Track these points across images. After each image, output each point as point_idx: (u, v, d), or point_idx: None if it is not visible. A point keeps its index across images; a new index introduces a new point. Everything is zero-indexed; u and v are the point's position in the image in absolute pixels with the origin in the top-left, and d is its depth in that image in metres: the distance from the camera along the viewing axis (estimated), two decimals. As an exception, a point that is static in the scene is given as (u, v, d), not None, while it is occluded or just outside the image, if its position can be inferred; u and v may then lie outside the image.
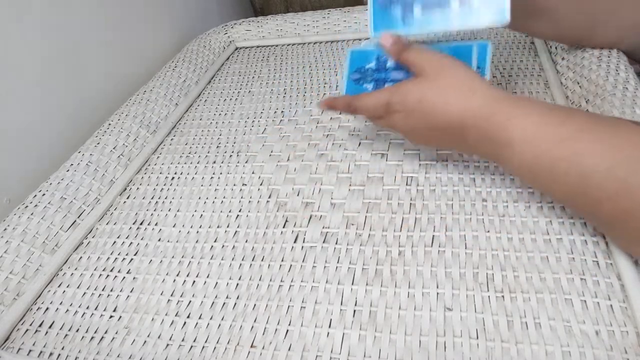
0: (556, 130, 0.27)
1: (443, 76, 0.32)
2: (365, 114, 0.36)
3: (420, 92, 0.32)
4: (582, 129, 0.27)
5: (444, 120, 0.31)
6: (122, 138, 0.48)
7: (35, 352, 0.31)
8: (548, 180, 0.28)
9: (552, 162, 0.27)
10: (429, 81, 0.32)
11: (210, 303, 0.32)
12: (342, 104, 0.37)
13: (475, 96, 0.30)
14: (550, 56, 0.50)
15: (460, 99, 0.31)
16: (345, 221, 0.36)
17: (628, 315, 0.27)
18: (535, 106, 0.29)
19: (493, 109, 0.30)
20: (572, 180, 0.27)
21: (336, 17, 0.67)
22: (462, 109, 0.30)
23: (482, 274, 0.30)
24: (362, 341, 0.28)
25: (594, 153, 0.26)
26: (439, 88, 0.32)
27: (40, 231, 0.38)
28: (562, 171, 0.27)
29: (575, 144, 0.26)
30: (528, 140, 0.28)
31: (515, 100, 0.30)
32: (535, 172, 0.28)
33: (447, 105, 0.31)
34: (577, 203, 0.28)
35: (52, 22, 0.49)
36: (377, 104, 0.34)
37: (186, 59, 0.64)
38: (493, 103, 0.30)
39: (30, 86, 0.47)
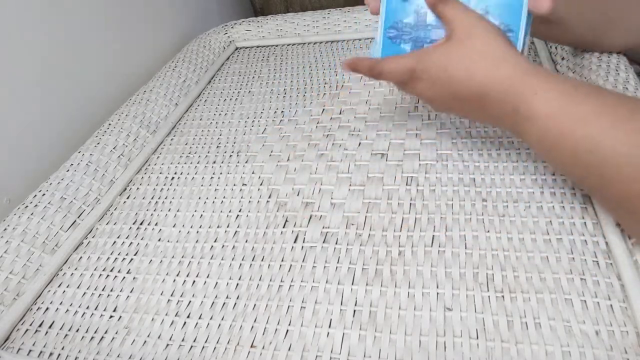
0: (580, 109, 0.27)
1: (472, 42, 0.31)
2: (389, 79, 0.35)
3: (447, 59, 0.32)
4: (605, 109, 0.27)
5: (467, 90, 0.31)
6: (122, 138, 0.48)
7: (35, 352, 0.31)
8: (568, 159, 0.28)
9: (573, 142, 0.27)
10: (457, 47, 0.32)
11: (210, 303, 0.32)
12: (366, 67, 0.36)
13: (502, 67, 0.30)
14: (550, 56, 0.50)
15: (486, 70, 0.30)
16: (345, 221, 0.36)
17: (628, 315, 0.27)
18: (561, 82, 0.29)
19: (518, 82, 0.29)
20: (591, 160, 0.27)
21: (336, 17, 0.67)
22: (488, 79, 0.30)
23: (482, 274, 0.30)
24: (362, 341, 0.28)
25: (615, 134, 0.26)
26: (467, 56, 0.31)
27: (40, 231, 0.38)
28: (583, 150, 0.27)
29: (597, 124, 0.27)
30: (551, 117, 0.28)
31: (541, 74, 0.29)
32: (556, 149, 0.29)
33: (472, 75, 0.31)
34: (595, 184, 0.28)
35: (52, 22, 0.49)
36: (401, 70, 0.34)
37: (186, 59, 0.64)
38: (519, 76, 0.29)
39: (30, 86, 0.47)
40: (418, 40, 0.35)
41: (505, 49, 0.31)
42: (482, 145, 0.40)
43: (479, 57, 0.31)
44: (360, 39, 0.66)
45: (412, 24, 0.35)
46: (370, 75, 0.36)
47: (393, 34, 0.36)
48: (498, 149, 0.40)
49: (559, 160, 0.30)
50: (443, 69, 0.32)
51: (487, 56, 0.30)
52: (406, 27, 0.35)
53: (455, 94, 0.32)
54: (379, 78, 0.36)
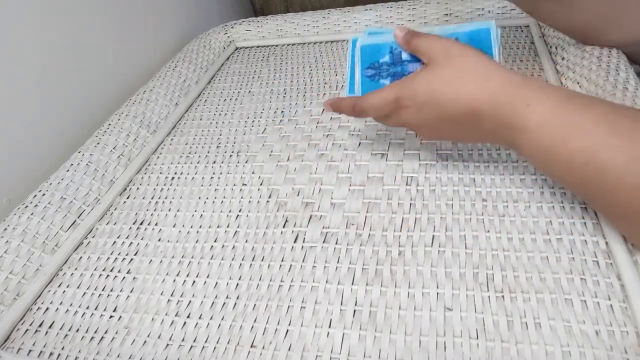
0: (574, 120, 0.27)
1: (453, 63, 0.31)
2: (373, 114, 0.35)
3: (431, 83, 0.31)
4: (600, 121, 0.26)
5: (457, 111, 0.31)
6: (122, 138, 0.48)
7: (35, 352, 0.31)
8: (563, 169, 0.28)
9: (569, 153, 0.27)
10: (439, 70, 0.31)
11: (210, 303, 0.32)
12: (348, 106, 0.36)
13: (489, 82, 0.30)
14: (550, 56, 0.50)
15: (473, 86, 0.30)
16: (345, 221, 0.36)
17: (628, 315, 0.27)
18: (554, 92, 0.29)
19: (509, 95, 0.29)
20: (588, 171, 0.27)
21: (336, 17, 0.67)
22: (476, 96, 0.30)
23: (482, 274, 0.30)
24: (362, 341, 0.28)
25: (611, 146, 0.26)
26: (450, 76, 0.31)
27: (40, 231, 0.38)
28: (579, 162, 0.27)
29: (593, 135, 0.26)
30: (545, 128, 0.28)
31: (532, 85, 0.29)
32: (551, 160, 0.28)
33: (459, 94, 0.30)
34: (593, 194, 0.28)
35: (52, 21, 0.49)
36: (385, 102, 0.33)
37: (186, 59, 0.64)
38: (508, 89, 0.29)
39: (30, 86, 0.47)
40: (396, 75, 0.36)
41: (488, 64, 0.30)
42: (482, 145, 0.40)
43: (464, 74, 0.30)
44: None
45: (388, 62, 0.36)
46: (354, 113, 0.36)
47: (371, 73, 0.36)
48: (498, 149, 0.40)
49: (554, 172, 0.29)
50: (429, 93, 0.31)
51: (473, 72, 0.30)
52: (383, 65, 0.36)
53: (445, 115, 0.31)
54: (363, 115, 0.36)
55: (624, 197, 0.26)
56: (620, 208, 0.27)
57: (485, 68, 0.30)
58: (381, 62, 0.36)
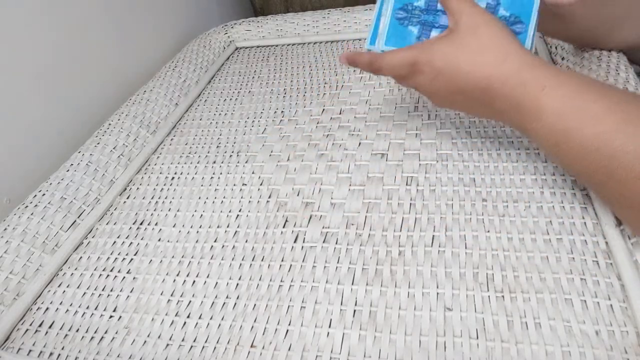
0: (589, 107, 0.27)
1: (476, 36, 0.31)
2: (390, 73, 0.35)
3: (449, 53, 0.31)
4: (614, 108, 0.26)
5: (470, 85, 0.31)
6: (122, 138, 0.48)
7: (35, 352, 0.31)
8: (574, 155, 0.28)
9: (581, 139, 0.27)
10: (460, 40, 0.31)
11: (210, 303, 0.32)
12: (365, 61, 0.35)
13: (507, 62, 0.29)
14: (550, 56, 0.50)
15: (491, 63, 0.30)
16: (345, 221, 0.36)
17: (628, 315, 0.27)
18: (568, 78, 0.28)
19: (524, 78, 0.29)
20: (598, 158, 0.27)
21: (336, 17, 0.67)
22: (491, 74, 0.30)
23: (482, 274, 0.30)
24: (362, 341, 0.28)
25: (623, 134, 0.26)
26: (471, 49, 0.30)
27: (40, 231, 0.38)
28: (590, 148, 0.27)
29: (606, 122, 0.26)
30: (560, 113, 0.28)
31: (549, 69, 0.29)
32: (562, 145, 0.28)
33: (476, 69, 0.30)
34: (601, 182, 0.28)
35: (52, 22, 0.49)
36: (402, 63, 0.33)
37: (186, 59, 0.64)
38: (524, 71, 0.29)
39: (30, 86, 0.47)
40: (426, 24, 0.34)
41: (510, 43, 0.30)
42: (482, 145, 0.40)
43: (484, 50, 0.30)
44: (360, 39, 0.66)
45: (422, 7, 0.35)
46: (370, 70, 0.36)
47: (402, 15, 0.35)
48: (498, 149, 0.40)
49: (564, 157, 0.29)
50: (446, 62, 0.31)
51: (493, 49, 0.30)
52: (416, 9, 0.35)
53: (459, 87, 0.31)
54: (379, 73, 0.35)
55: (632, 186, 0.26)
56: (627, 197, 0.27)
57: (506, 47, 0.30)
58: (415, 6, 0.35)
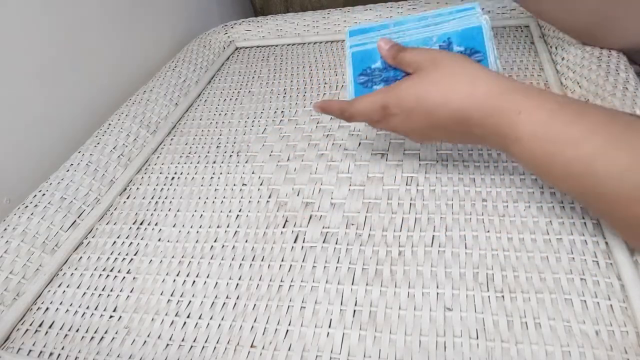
0: (567, 130, 0.26)
1: (441, 70, 0.30)
2: (361, 119, 0.35)
3: (418, 89, 0.31)
4: (595, 129, 0.26)
5: (446, 117, 0.30)
6: (122, 138, 0.48)
7: (35, 352, 0.31)
8: (559, 178, 0.28)
9: (564, 162, 0.26)
10: (426, 77, 0.31)
11: (210, 303, 0.32)
12: (337, 109, 0.36)
13: (477, 88, 0.29)
14: (550, 56, 0.50)
15: (461, 93, 0.29)
16: (345, 221, 0.36)
17: (628, 315, 0.27)
18: (545, 99, 0.28)
19: (499, 103, 0.28)
20: (584, 181, 0.26)
21: (336, 17, 0.67)
22: (465, 103, 0.29)
23: (482, 274, 0.30)
24: (362, 341, 0.28)
25: (607, 155, 0.25)
26: (438, 83, 0.30)
27: (40, 231, 0.38)
28: (574, 172, 0.26)
29: (589, 144, 0.26)
30: (539, 137, 0.27)
31: (524, 92, 0.28)
32: (546, 168, 0.28)
33: (447, 101, 0.29)
34: (591, 202, 0.28)
35: (52, 22, 0.49)
36: (372, 108, 0.33)
37: (186, 59, 0.64)
38: (498, 95, 0.28)
39: (30, 86, 0.47)
40: (389, 80, 0.35)
41: (477, 69, 0.30)
42: (482, 145, 0.40)
43: (452, 80, 0.30)
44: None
45: (380, 68, 0.35)
46: (343, 117, 0.36)
47: (363, 79, 0.36)
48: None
49: (551, 180, 0.29)
50: (416, 100, 0.31)
51: (461, 78, 0.29)
52: (375, 71, 0.36)
53: (434, 122, 0.31)
54: (351, 120, 0.35)
55: (621, 206, 0.25)
56: (618, 217, 0.27)
57: (473, 74, 0.29)
58: (373, 68, 0.36)
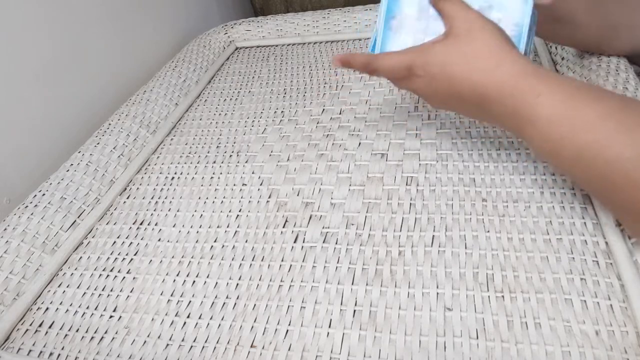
0: (584, 113, 0.27)
1: (471, 40, 0.30)
2: (385, 75, 0.35)
3: (445, 57, 0.31)
4: (610, 114, 0.26)
5: (466, 89, 0.30)
6: (122, 138, 0.48)
7: (35, 352, 0.31)
8: (570, 162, 0.28)
9: (577, 146, 0.27)
10: (456, 44, 0.31)
11: (210, 303, 0.32)
12: (361, 62, 0.35)
13: (502, 67, 0.29)
14: (550, 56, 0.50)
15: (486, 69, 0.30)
16: (345, 221, 0.36)
17: (628, 315, 0.27)
18: (564, 84, 0.28)
19: (520, 84, 0.29)
20: (596, 165, 0.26)
21: (336, 17, 0.67)
22: (487, 79, 0.29)
23: (482, 274, 0.30)
24: (362, 341, 0.28)
25: (620, 141, 0.25)
26: (466, 54, 0.30)
27: (40, 231, 0.38)
28: (586, 156, 0.26)
29: (602, 129, 0.26)
30: (554, 121, 0.27)
31: (544, 76, 0.29)
32: (559, 153, 0.28)
33: (471, 74, 0.30)
34: (599, 188, 0.28)
35: (53, 22, 0.49)
36: (398, 66, 0.33)
37: (186, 59, 0.64)
38: (520, 77, 0.29)
39: (30, 86, 0.47)
40: (419, 31, 0.34)
41: (506, 48, 0.30)
42: (482, 145, 0.40)
43: (479, 55, 0.30)
44: (360, 39, 0.66)
45: (414, 16, 0.34)
46: (366, 71, 0.36)
47: (395, 23, 0.35)
48: (498, 149, 0.40)
49: (561, 164, 0.29)
50: (442, 66, 0.31)
51: (488, 54, 0.30)
52: (408, 18, 0.35)
53: (454, 91, 0.31)
54: (375, 74, 0.35)
55: (630, 193, 0.26)
56: (626, 204, 0.27)
57: (500, 52, 0.30)
58: (407, 14, 0.34)
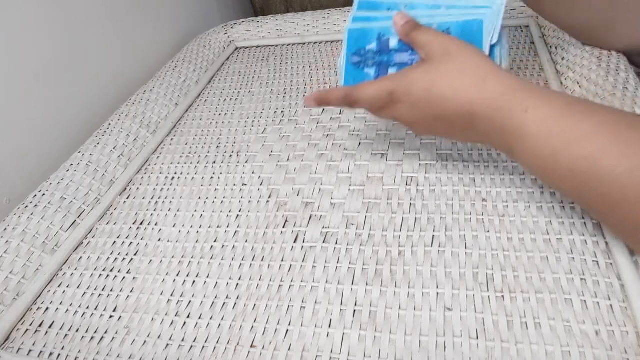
0: (575, 127, 0.26)
1: (452, 61, 0.30)
2: (366, 106, 0.34)
3: (427, 80, 0.30)
4: (601, 129, 0.26)
5: (452, 110, 0.30)
6: (122, 138, 0.48)
7: (35, 352, 0.31)
8: (562, 178, 0.27)
9: (569, 161, 0.26)
10: (436, 67, 0.31)
11: (210, 303, 0.32)
12: (338, 97, 0.35)
13: (487, 84, 0.29)
14: (550, 56, 0.50)
15: (470, 87, 0.29)
16: (345, 221, 0.36)
17: (628, 315, 0.27)
18: (552, 99, 0.28)
19: (506, 99, 0.28)
20: (588, 181, 0.26)
21: (336, 17, 0.67)
22: (472, 98, 0.29)
23: (482, 274, 0.30)
24: (362, 341, 0.28)
25: (612, 155, 0.25)
26: (447, 75, 0.30)
27: (40, 231, 0.38)
28: (579, 171, 0.26)
29: (594, 143, 0.25)
30: (543, 136, 0.27)
31: (531, 90, 0.28)
32: (550, 168, 0.27)
33: (455, 94, 0.29)
34: (592, 203, 0.27)
35: (53, 22, 0.49)
36: (379, 95, 0.32)
37: (186, 59, 0.64)
38: (506, 93, 0.28)
39: (30, 86, 0.47)
40: (382, 64, 0.35)
41: (487, 65, 0.30)
42: (482, 145, 0.40)
43: (462, 75, 0.29)
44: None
45: (374, 50, 0.35)
46: (345, 104, 0.35)
47: (356, 60, 0.35)
48: (498, 149, 0.40)
49: (552, 180, 0.28)
50: (425, 89, 0.30)
51: (471, 72, 0.29)
52: (369, 53, 0.35)
53: (439, 114, 0.31)
54: (355, 106, 0.35)
55: (625, 208, 0.25)
56: (620, 218, 0.26)
57: (483, 69, 0.29)
58: (367, 49, 0.35)
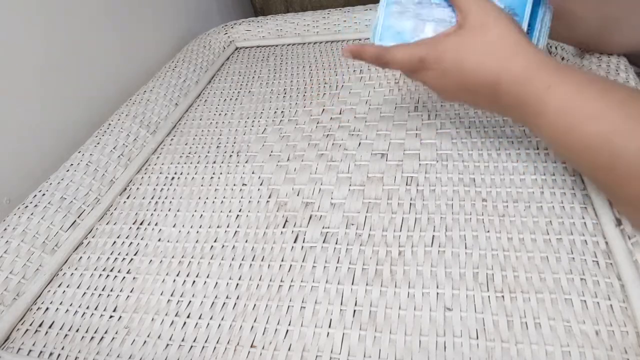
0: (590, 105, 0.27)
1: (486, 32, 0.31)
2: (397, 68, 0.35)
3: (459, 49, 0.31)
4: (617, 106, 0.27)
5: (477, 82, 0.31)
6: (122, 138, 0.48)
7: (35, 352, 0.31)
8: (577, 153, 0.28)
9: (584, 137, 0.27)
10: (470, 36, 0.31)
11: (210, 303, 0.32)
12: (372, 55, 0.35)
13: (516, 58, 0.30)
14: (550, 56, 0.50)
15: (499, 60, 0.30)
16: (345, 221, 0.36)
17: (628, 315, 0.27)
18: (572, 76, 0.28)
19: (531, 75, 0.29)
20: (601, 156, 0.27)
21: (336, 17, 0.67)
22: (499, 71, 0.30)
23: (482, 274, 0.30)
24: (362, 341, 0.28)
25: (626, 132, 0.26)
26: (480, 45, 0.31)
27: (40, 231, 0.38)
28: (593, 146, 0.27)
29: (609, 120, 0.26)
30: (563, 112, 0.28)
31: (556, 68, 0.29)
32: (566, 143, 0.29)
33: (485, 65, 0.30)
34: (604, 179, 0.28)
35: (53, 22, 0.49)
36: (410, 59, 0.33)
37: (186, 59, 0.64)
38: (532, 69, 0.29)
39: (30, 86, 0.47)
40: (421, 17, 0.34)
41: (519, 40, 0.30)
42: (482, 145, 0.40)
43: (492, 48, 0.30)
44: (360, 39, 0.66)
45: (415, 1, 0.34)
46: (377, 63, 0.36)
47: (396, 9, 0.35)
48: (498, 149, 0.40)
49: (567, 154, 0.30)
50: (454, 60, 0.31)
51: (501, 47, 0.30)
52: (410, 3, 0.35)
53: (466, 84, 0.32)
54: (386, 67, 0.35)
55: (633, 184, 0.26)
56: (630, 195, 0.27)
57: (515, 44, 0.30)
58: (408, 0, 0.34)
